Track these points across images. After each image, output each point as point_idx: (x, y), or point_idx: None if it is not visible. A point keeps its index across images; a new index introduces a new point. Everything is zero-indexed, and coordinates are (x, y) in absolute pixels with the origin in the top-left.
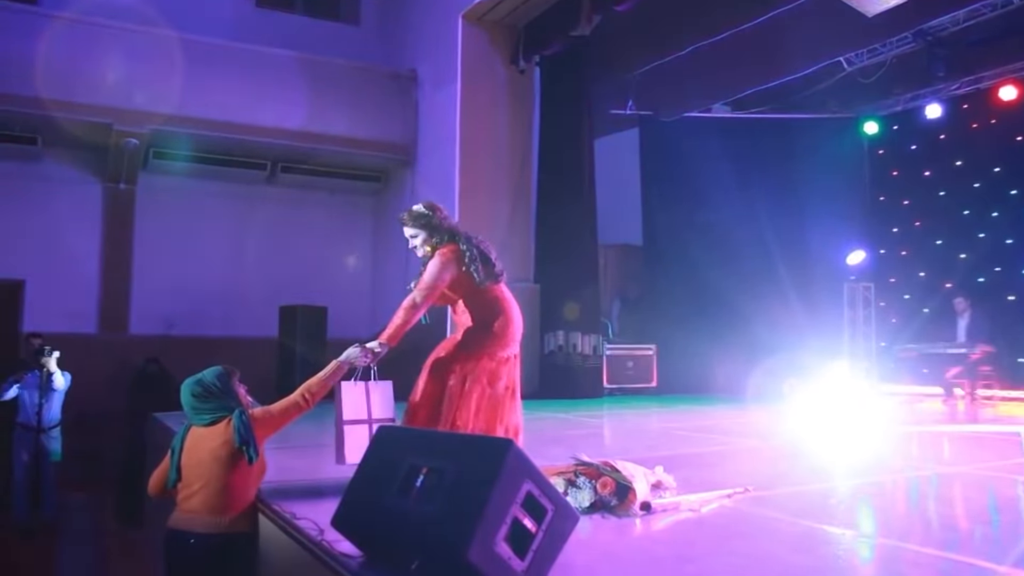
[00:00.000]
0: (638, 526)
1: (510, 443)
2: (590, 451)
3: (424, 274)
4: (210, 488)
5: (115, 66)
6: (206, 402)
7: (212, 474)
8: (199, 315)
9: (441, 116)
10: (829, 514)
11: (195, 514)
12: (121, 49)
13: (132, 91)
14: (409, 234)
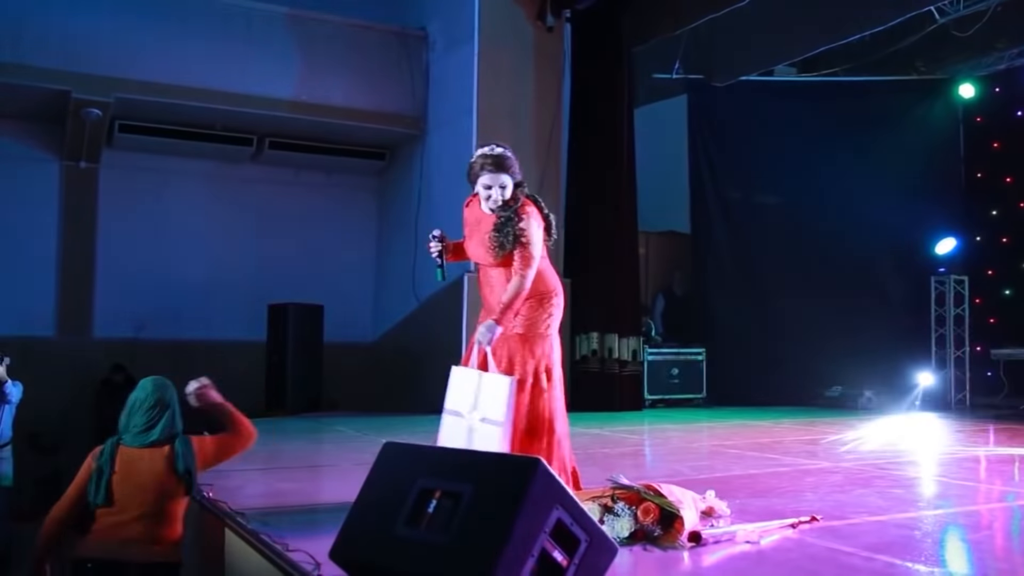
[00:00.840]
0: (686, 560)
1: (537, 462)
2: (629, 472)
3: (522, 236)
4: (152, 515)
5: (73, 23)
6: (157, 421)
7: (155, 500)
8: (174, 315)
9: (455, 82)
10: (912, 549)
11: (133, 543)
12: (81, 2)
13: (94, 53)
14: (497, 183)
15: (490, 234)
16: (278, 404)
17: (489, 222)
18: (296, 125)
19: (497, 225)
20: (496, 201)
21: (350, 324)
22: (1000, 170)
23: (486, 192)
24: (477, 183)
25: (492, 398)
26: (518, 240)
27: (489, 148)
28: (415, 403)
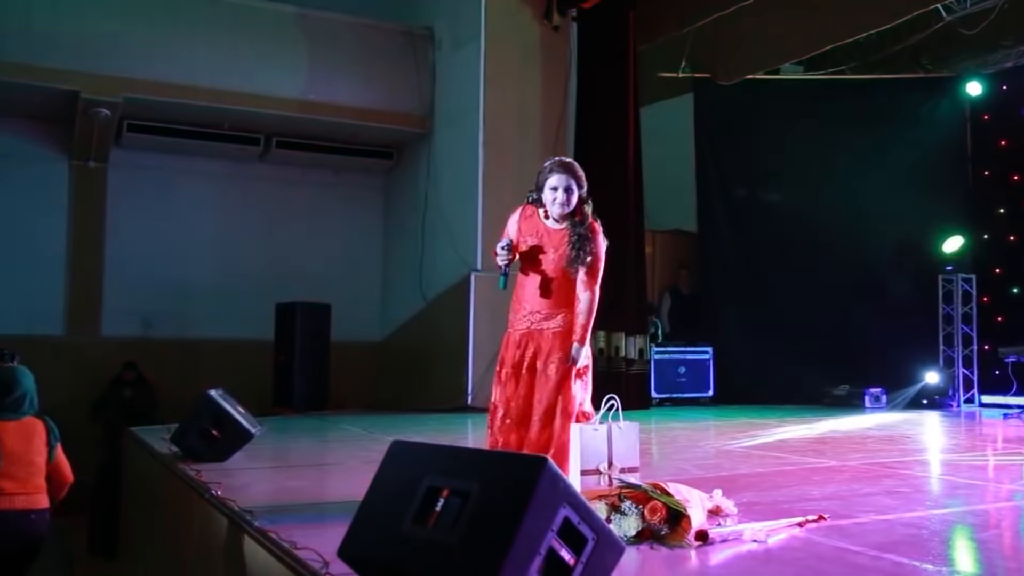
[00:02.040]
0: (693, 559)
1: (545, 461)
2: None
3: (594, 255)
4: (39, 473)
5: (82, 23)
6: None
7: (39, 461)
8: (182, 314)
9: (462, 81)
10: (920, 548)
11: (28, 495)
12: (89, 3)
13: (103, 52)
14: (563, 184)
15: (567, 252)
16: (285, 403)
17: (558, 237)
18: (303, 124)
19: (574, 243)
20: (562, 204)
21: (357, 323)
22: (1007, 168)
23: (552, 194)
24: (545, 186)
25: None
26: (591, 257)
27: (559, 157)
28: (422, 401)
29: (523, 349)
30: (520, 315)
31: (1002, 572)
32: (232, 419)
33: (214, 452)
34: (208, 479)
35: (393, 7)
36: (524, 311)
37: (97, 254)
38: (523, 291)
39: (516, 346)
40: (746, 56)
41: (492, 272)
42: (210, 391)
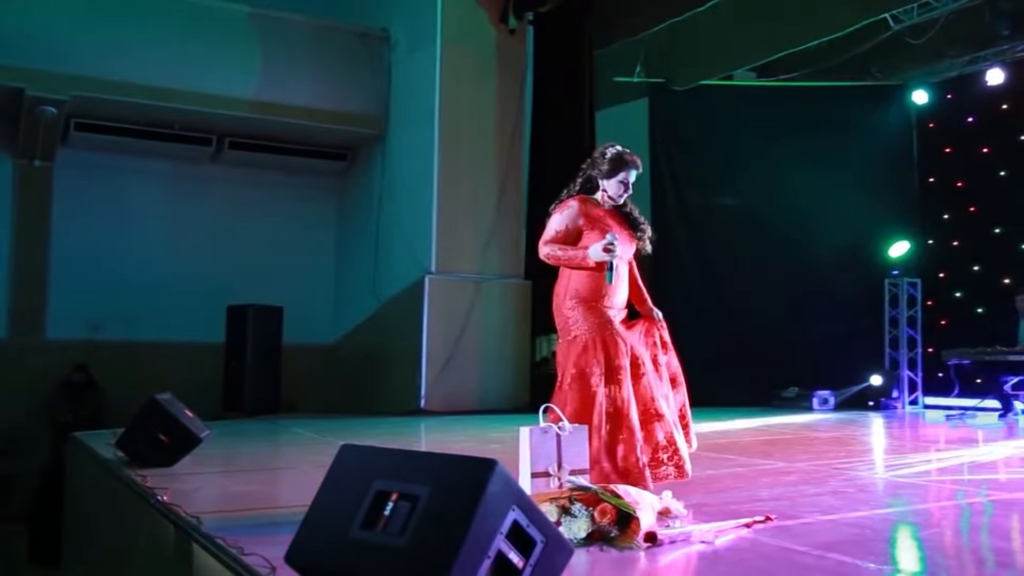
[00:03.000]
0: (642, 560)
1: (494, 464)
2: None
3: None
4: None
5: (29, 19)
6: None
7: None
8: (131, 316)
9: (417, 83)
10: (864, 547)
11: None
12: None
13: (50, 49)
14: (633, 181)
15: (646, 233)
16: (236, 406)
17: (621, 219)
18: (257, 125)
19: (641, 225)
20: (623, 198)
21: (310, 325)
22: (952, 175)
23: (623, 188)
24: (616, 176)
25: (577, 448)
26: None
27: (619, 146)
28: (375, 405)
29: (628, 347)
30: (611, 311)
31: (943, 570)
32: (180, 423)
33: (161, 457)
34: (154, 485)
35: (349, 8)
36: (614, 307)
37: (42, 255)
38: (606, 286)
39: (624, 344)
40: (700, 62)
41: (446, 274)
42: (158, 395)
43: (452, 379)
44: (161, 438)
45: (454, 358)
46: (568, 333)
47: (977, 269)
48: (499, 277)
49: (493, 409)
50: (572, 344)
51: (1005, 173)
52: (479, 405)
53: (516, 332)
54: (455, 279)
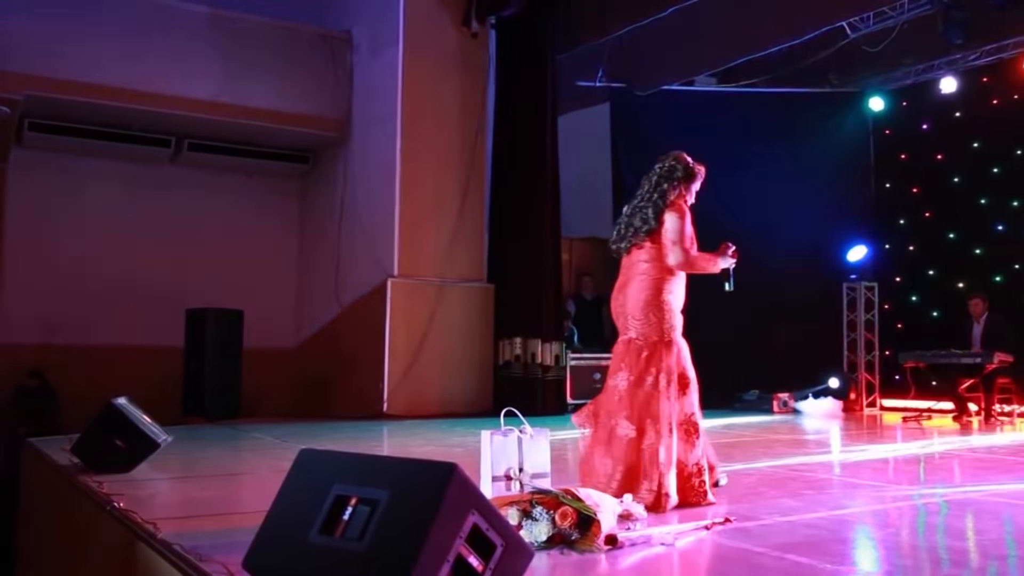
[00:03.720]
0: (603, 563)
1: (453, 468)
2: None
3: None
4: None
5: None
6: None
7: None
8: (87, 320)
9: (380, 86)
10: (821, 548)
11: None
12: None
13: (3, 49)
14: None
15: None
16: (196, 411)
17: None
18: (216, 127)
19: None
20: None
21: (271, 329)
22: (907, 181)
23: (695, 196)
24: (695, 184)
25: (539, 453)
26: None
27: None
28: (337, 409)
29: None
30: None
31: (899, 570)
32: (137, 428)
33: (118, 463)
34: (111, 491)
35: (311, 10)
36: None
37: None
38: (681, 292)
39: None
40: (661, 67)
41: (409, 277)
42: (115, 400)
43: (415, 383)
44: (118, 443)
45: (417, 362)
46: (664, 334)
47: (932, 273)
48: (462, 281)
49: (456, 413)
50: (667, 346)
51: (958, 180)
52: (442, 409)
53: (479, 336)
54: (418, 282)
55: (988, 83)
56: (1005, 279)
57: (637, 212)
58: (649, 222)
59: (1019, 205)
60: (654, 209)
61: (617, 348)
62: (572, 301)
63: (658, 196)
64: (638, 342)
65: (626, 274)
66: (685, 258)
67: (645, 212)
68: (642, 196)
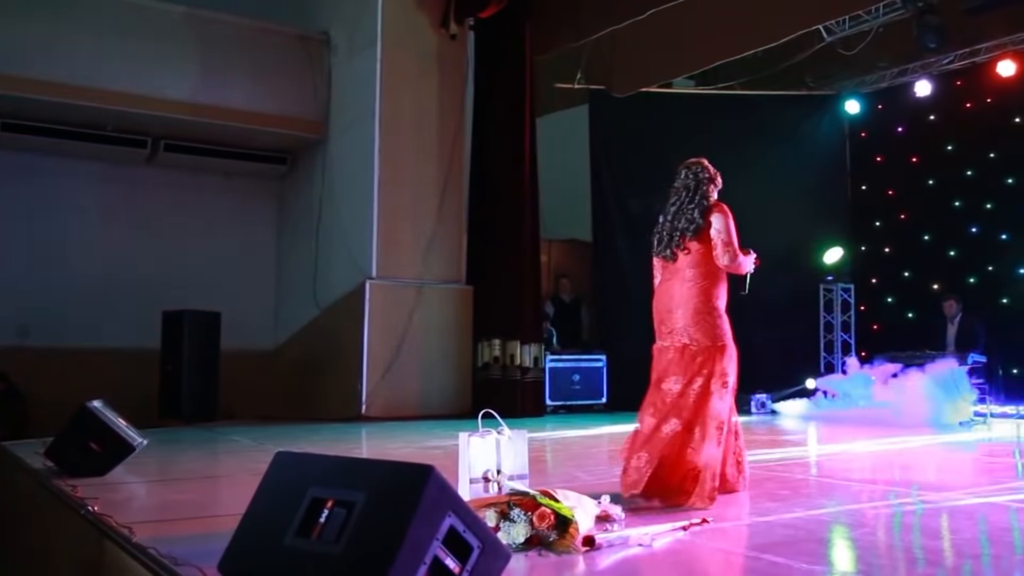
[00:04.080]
0: (581, 564)
1: (430, 470)
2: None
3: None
4: None
5: None
6: None
7: None
8: (61, 322)
9: (358, 88)
10: (797, 548)
11: None
12: None
13: None
14: None
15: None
16: (172, 414)
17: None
18: (193, 127)
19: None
20: None
21: (249, 331)
22: (883, 183)
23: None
24: (719, 187)
25: (518, 454)
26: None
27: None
28: (316, 411)
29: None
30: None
31: (875, 570)
32: (112, 431)
33: (93, 466)
34: (85, 495)
35: (289, 11)
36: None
37: None
38: (725, 295)
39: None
40: (640, 69)
41: (387, 279)
42: (89, 402)
43: (393, 385)
44: (93, 446)
45: (395, 364)
46: (718, 339)
47: (907, 275)
48: (440, 282)
49: (435, 415)
50: (722, 351)
51: (933, 182)
52: (421, 411)
53: (457, 337)
54: (396, 284)
55: (962, 87)
56: (979, 280)
57: (680, 215)
58: (696, 221)
59: (993, 207)
60: (700, 210)
61: (666, 354)
62: (550, 303)
63: (700, 197)
64: (692, 348)
65: (668, 281)
66: (735, 257)
67: (691, 214)
68: (681, 201)
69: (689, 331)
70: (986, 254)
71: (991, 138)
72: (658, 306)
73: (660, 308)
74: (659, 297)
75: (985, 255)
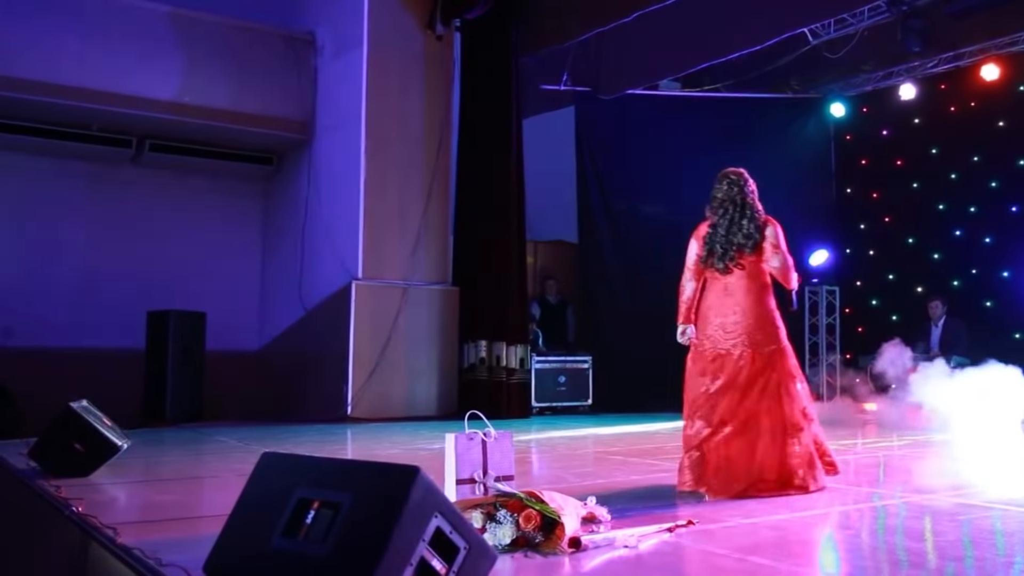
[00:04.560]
0: (567, 565)
1: (416, 471)
2: (515, 480)
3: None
4: None
5: None
6: None
7: None
8: (44, 322)
9: (344, 88)
10: (783, 550)
11: None
12: None
13: None
14: None
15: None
16: (157, 415)
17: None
18: (178, 127)
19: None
20: None
21: (234, 332)
22: (867, 186)
23: None
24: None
25: (503, 455)
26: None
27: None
28: (301, 412)
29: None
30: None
31: (860, 571)
32: (96, 432)
33: (77, 467)
34: (69, 495)
35: (274, 11)
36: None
37: None
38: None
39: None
40: (626, 71)
41: (373, 280)
42: (73, 403)
43: (379, 386)
44: (77, 447)
45: (381, 364)
46: (780, 341)
47: (892, 278)
48: (426, 283)
49: (420, 416)
50: (784, 353)
51: (917, 185)
52: (407, 412)
53: (444, 338)
54: (382, 285)
55: (946, 90)
56: (963, 283)
57: (736, 230)
58: (754, 236)
59: (976, 211)
60: (755, 224)
61: (727, 360)
62: (536, 304)
63: (751, 211)
64: (763, 351)
65: (720, 291)
66: (787, 265)
67: (747, 228)
68: (731, 215)
69: (754, 336)
70: (970, 257)
71: (975, 142)
72: (708, 313)
73: (716, 317)
74: (714, 307)
75: (969, 258)
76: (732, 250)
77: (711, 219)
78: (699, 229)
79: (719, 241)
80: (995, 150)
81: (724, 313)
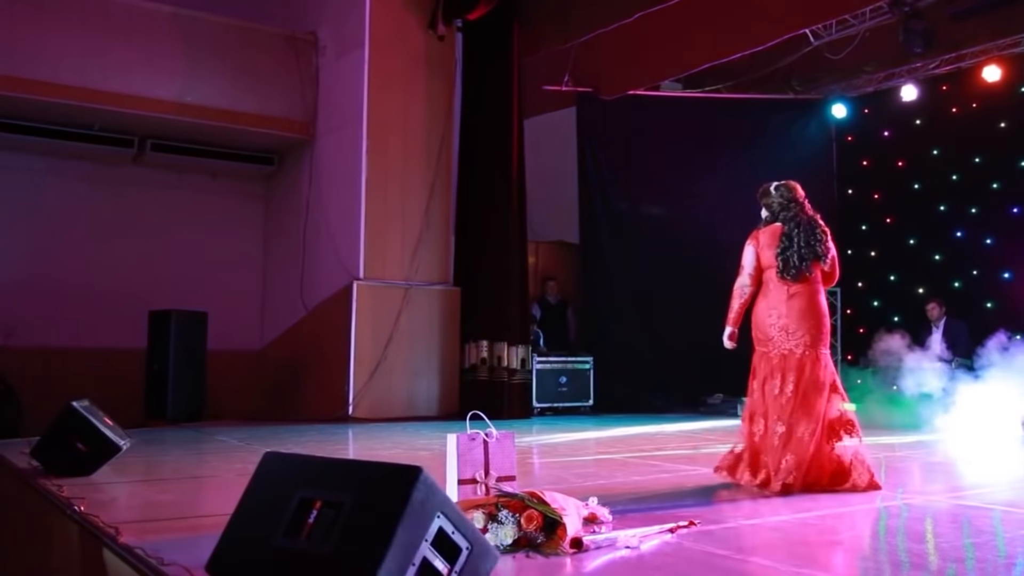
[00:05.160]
0: (568, 566)
1: (419, 471)
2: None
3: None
4: None
5: None
6: None
7: None
8: (48, 321)
9: (345, 88)
10: (784, 551)
11: None
12: None
13: None
14: None
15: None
16: (159, 414)
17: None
18: (180, 127)
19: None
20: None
21: (235, 331)
22: (869, 187)
23: None
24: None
25: (505, 455)
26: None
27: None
28: (303, 412)
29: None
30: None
31: (860, 572)
32: (98, 431)
33: (79, 466)
34: (71, 494)
35: (276, 11)
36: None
37: None
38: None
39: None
40: (628, 72)
41: (375, 280)
42: (74, 402)
43: (381, 386)
44: (79, 446)
45: (382, 365)
46: (827, 345)
47: (893, 279)
48: (428, 283)
49: (422, 416)
50: (827, 357)
51: (919, 186)
52: (408, 412)
53: (445, 339)
54: (383, 285)
55: (947, 91)
56: (964, 284)
57: (811, 242)
58: (823, 250)
59: (977, 212)
60: (823, 238)
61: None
62: (537, 305)
63: (817, 226)
64: (822, 350)
65: (786, 295)
66: (835, 265)
67: (821, 244)
68: (804, 229)
69: (815, 336)
70: (971, 258)
71: (976, 143)
72: (773, 319)
73: (777, 320)
74: (777, 310)
75: (970, 259)
76: (807, 262)
77: (777, 229)
78: (758, 237)
79: (795, 254)
80: (996, 151)
81: (789, 315)
